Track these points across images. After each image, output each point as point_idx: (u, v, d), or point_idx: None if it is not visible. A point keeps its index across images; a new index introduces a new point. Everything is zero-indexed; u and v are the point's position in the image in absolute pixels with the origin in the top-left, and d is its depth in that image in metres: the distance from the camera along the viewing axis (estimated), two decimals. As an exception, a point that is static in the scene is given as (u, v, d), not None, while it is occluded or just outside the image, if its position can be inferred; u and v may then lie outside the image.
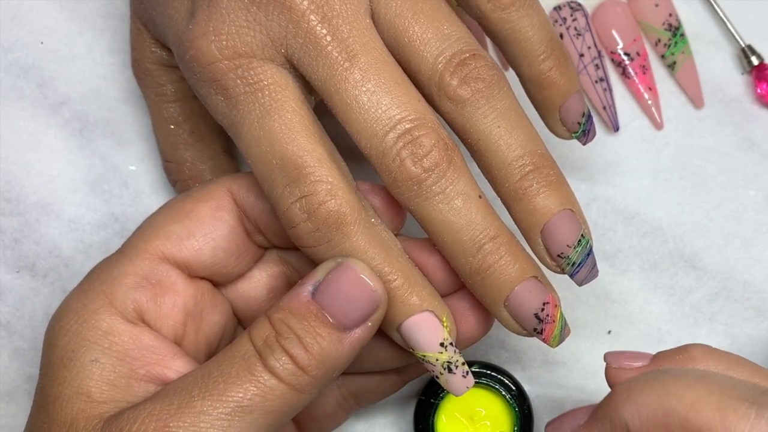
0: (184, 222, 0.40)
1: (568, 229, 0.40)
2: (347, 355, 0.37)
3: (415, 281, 0.39)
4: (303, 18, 0.38)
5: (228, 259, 0.41)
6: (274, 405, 0.36)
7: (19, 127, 0.52)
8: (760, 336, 0.50)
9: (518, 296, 0.39)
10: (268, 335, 0.36)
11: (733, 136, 0.52)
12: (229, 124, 0.39)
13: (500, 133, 0.39)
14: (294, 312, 0.37)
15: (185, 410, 0.35)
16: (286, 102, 0.38)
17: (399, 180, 0.38)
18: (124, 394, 0.37)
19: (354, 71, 0.38)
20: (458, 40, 0.39)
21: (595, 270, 0.42)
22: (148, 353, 0.38)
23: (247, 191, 0.41)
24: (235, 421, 0.35)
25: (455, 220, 0.38)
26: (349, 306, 0.37)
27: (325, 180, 0.37)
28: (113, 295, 0.39)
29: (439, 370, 0.39)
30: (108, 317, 0.38)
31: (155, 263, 0.40)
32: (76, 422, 0.36)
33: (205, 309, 0.41)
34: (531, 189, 0.39)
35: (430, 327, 0.39)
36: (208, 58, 0.38)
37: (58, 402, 0.37)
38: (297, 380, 0.36)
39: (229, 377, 0.36)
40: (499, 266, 0.39)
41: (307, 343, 0.36)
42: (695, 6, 0.53)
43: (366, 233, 0.38)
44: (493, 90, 0.39)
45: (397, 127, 0.38)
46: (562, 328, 0.41)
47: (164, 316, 0.39)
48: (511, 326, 0.40)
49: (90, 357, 0.37)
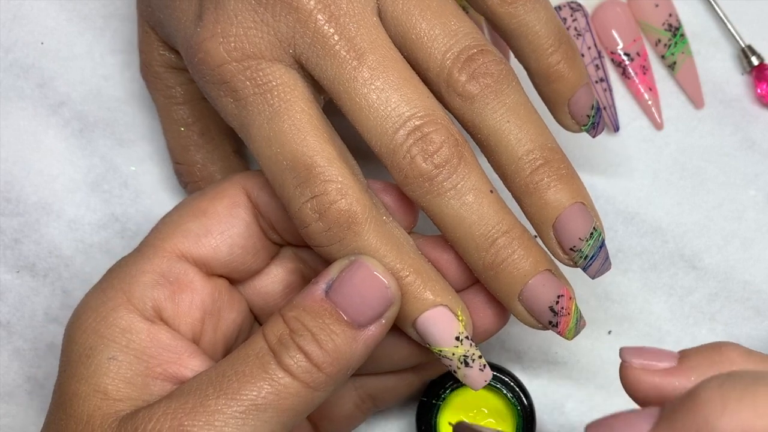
0: (201, 220, 0.40)
1: (580, 222, 0.40)
2: (362, 352, 0.37)
3: (428, 276, 0.39)
4: (310, 18, 0.38)
5: (245, 256, 0.41)
6: (289, 403, 0.36)
7: (19, 127, 0.52)
8: (760, 336, 0.50)
9: (532, 290, 0.39)
10: (282, 333, 0.36)
11: (733, 136, 0.52)
12: (239, 125, 0.39)
13: (510, 127, 0.39)
14: (308, 310, 0.37)
15: (200, 409, 0.35)
16: (295, 102, 0.38)
17: (410, 177, 0.38)
18: (140, 392, 0.37)
19: (362, 70, 0.38)
20: (466, 36, 0.39)
21: (608, 263, 0.42)
22: (165, 352, 0.38)
23: (261, 189, 0.41)
24: (250, 419, 0.35)
25: (467, 215, 0.39)
26: (363, 303, 0.37)
27: (335, 179, 0.38)
28: (131, 293, 0.39)
29: (456, 365, 0.39)
30: (126, 315, 0.38)
31: (173, 261, 0.40)
32: (93, 419, 0.37)
33: (223, 307, 0.41)
34: (542, 183, 0.39)
35: (445, 321, 0.39)
36: (217, 60, 0.39)
37: (75, 399, 0.37)
38: (311, 378, 0.36)
39: (243, 375, 0.36)
40: (512, 260, 0.39)
41: (321, 340, 0.36)
42: (695, 6, 0.53)
43: (377, 231, 0.38)
44: (501, 85, 0.39)
45: (407, 124, 0.38)
46: (578, 321, 0.41)
47: (182, 314, 0.40)
48: (527, 320, 0.40)
49: (108, 354, 0.37)
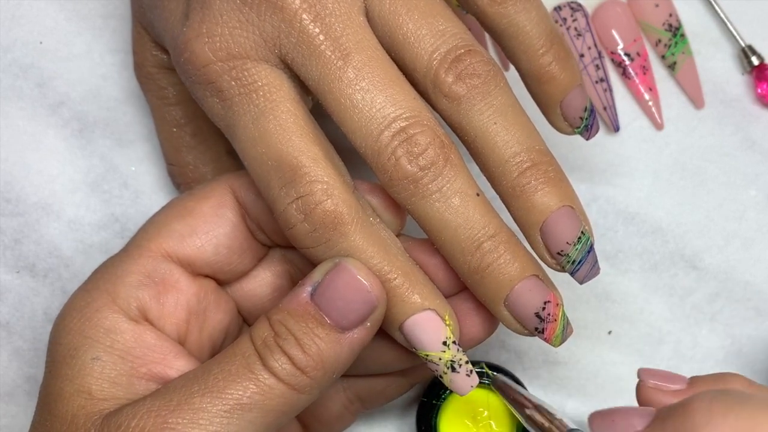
0: (187, 220, 0.40)
1: (568, 226, 0.39)
2: (347, 356, 0.37)
3: (416, 280, 0.39)
4: (295, 17, 0.38)
5: (231, 256, 0.41)
6: (274, 404, 0.36)
7: (18, 127, 0.52)
8: (760, 336, 0.50)
9: (518, 295, 0.39)
10: (267, 336, 0.36)
11: (733, 136, 0.52)
12: (226, 125, 0.39)
13: (497, 129, 0.39)
14: (292, 313, 0.37)
15: (184, 407, 0.35)
16: (280, 102, 0.38)
17: (395, 179, 0.38)
18: (125, 391, 0.37)
19: (348, 70, 0.38)
20: (453, 36, 0.39)
21: (597, 267, 0.41)
22: (150, 352, 0.38)
23: (248, 189, 0.41)
24: (234, 418, 0.35)
25: (453, 218, 0.38)
26: (345, 307, 0.37)
27: (321, 180, 0.37)
28: (116, 293, 0.39)
29: (442, 370, 0.39)
30: (110, 315, 0.38)
31: (158, 261, 0.40)
32: (76, 419, 0.37)
33: (209, 307, 0.41)
34: (529, 186, 0.39)
35: (433, 325, 0.38)
36: (202, 60, 0.38)
37: (60, 399, 0.37)
38: (296, 381, 0.36)
39: (229, 375, 0.36)
40: (498, 264, 0.39)
41: (304, 345, 0.36)
42: (695, 6, 0.53)
43: (364, 232, 0.38)
44: (489, 86, 0.39)
45: (392, 125, 0.38)
46: (564, 328, 0.40)
47: (167, 314, 0.40)
48: (512, 326, 0.40)
49: (91, 355, 0.37)
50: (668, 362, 0.50)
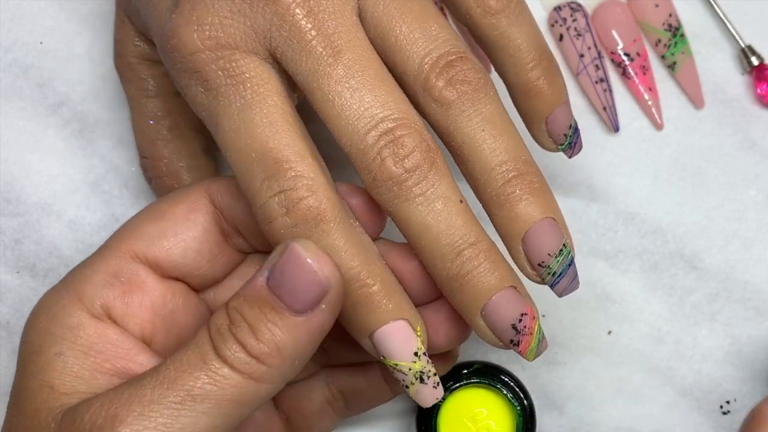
0: (159, 223, 0.40)
1: (550, 238, 0.39)
2: (306, 342, 0.36)
3: (393, 288, 0.38)
4: (288, 11, 0.38)
5: (200, 260, 0.41)
6: (229, 394, 0.35)
7: (18, 127, 0.52)
8: (760, 336, 0.50)
9: (495, 305, 0.38)
10: (221, 324, 0.35)
11: (733, 136, 0.52)
12: (208, 116, 0.39)
13: (484, 137, 0.39)
14: (248, 299, 0.36)
15: (135, 399, 0.35)
16: (268, 96, 0.38)
17: (379, 180, 0.37)
18: (87, 386, 0.37)
19: (338, 67, 0.37)
20: (445, 42, 0.39)
21: (576, 281, 0.41)
22: (113, 347, 0.38)
23: (226, 193, 0.41)
24: (185, 409, 0.34)
25: (434, 223, 0.38)
26: (296, 290, 0.35)
27: (305, 175, 0.37)
28: (83, 291, 0.39)
29: (410, 380, 0.38)
30: (75, 312, 0.38)
31: (126, 262, 0.40)
32: (39, 413, 0.36)
33: (177, 310, 0.41)
34: (513, 195, 0.39)
35: (405, 336, 0.38)
36: (190, 48, 0.38)
37: (24, 395, 0.37)
38: (251, 369, 0.35)
39: (181, 365, 0.35)
40: (477, 273, 0.38)
41: (258, 331, 0.35)
42: (695, 6, 0.53)
43: (345, 233, 0.37)
44: (479, 93, 0.39)
45: (379, 125, 0.37)
46: (540, 342, 0.39)
47: (131, 314, 0.39)
48: (487, 337, 0.39)
49: (55, 350, 0.37)
50: (668, 362, 0.50)
